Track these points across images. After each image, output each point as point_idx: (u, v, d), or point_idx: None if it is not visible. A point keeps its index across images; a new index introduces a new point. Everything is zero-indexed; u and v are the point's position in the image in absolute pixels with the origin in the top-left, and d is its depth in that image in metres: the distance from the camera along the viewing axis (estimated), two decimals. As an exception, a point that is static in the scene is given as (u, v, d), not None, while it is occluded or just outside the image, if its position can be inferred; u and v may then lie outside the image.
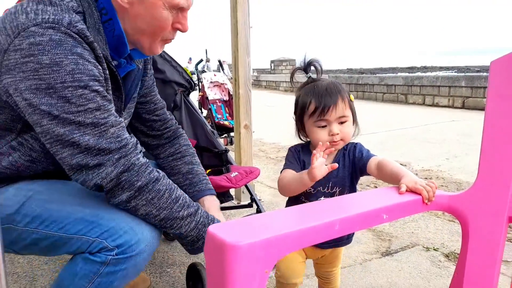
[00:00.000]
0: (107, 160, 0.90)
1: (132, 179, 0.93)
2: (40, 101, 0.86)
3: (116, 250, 0.93)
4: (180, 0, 0.98)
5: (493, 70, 0.91)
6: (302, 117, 1.08)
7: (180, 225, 0.98)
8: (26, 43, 0.84)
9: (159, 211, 0.95)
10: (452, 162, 3.75)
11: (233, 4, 2.43)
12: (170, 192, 0.98)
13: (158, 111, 1.27)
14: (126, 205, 0.94)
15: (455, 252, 1.90)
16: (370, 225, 0.88)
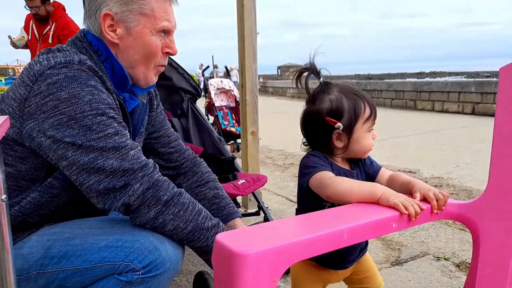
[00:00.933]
0: (132, 179, 0.93)
1: (158, 194, 0.94)
2: (63, 134, 0.90)
3: (142, 270, 0.94)
4: (163, 23, 1.02)
5: (503, 77, 0.89)
6: (352, 123, 0.97)
7: (206, 236, 0.98)
8: (44, 85, 0.91)
9: (186, 224, 0.96)
10: (463, 169, 3.70)
11: (240, 10, 2.45)
12: (193, 204, 0.99)
13: (173, 142, 1.30)
14: (154, 222, 0.95)
15: (466, 261, 1.86)
16: (379, 234, 0.87)
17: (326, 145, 1.01)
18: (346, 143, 0.99)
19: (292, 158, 4.40)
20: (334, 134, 0.98)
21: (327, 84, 1.01)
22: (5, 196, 0.84)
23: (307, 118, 1.02)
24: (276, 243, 0.67)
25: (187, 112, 1.93)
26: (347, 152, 1.01)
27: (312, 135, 1.03)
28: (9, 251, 0.84)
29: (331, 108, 0.97)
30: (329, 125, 0.97)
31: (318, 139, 1.02)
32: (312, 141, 1.05)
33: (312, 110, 1.00)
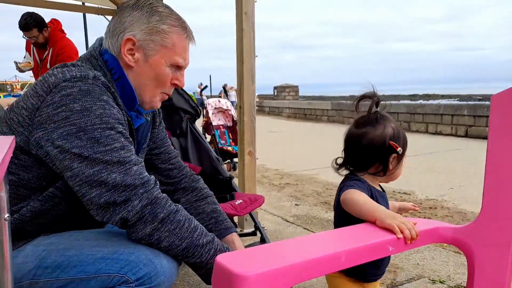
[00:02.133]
0: (133, 194, 0.94)
1: (155, 211, 0.96)
2: (71, 144, 0.92)
3: (136, 282, 0.94)
4: (179, 60, 1.09)
5: (494, 105, 0.93)
6: (404, 151, 1.10)
7: (201, 253, 1.00)
8: (58, 96, 0.94)
9: (181, 241, 0.98)
10: (457, 192, 3.73)
11: (239, 34, 2.51)
12: (189, 221, 1.01)
13: (173, 159, 1.33)
14: (150, 239, 0.96)
15: (461, 285, 1.86)
16: (376, 257, 0.88)
17: (377, 166, 1.10)
18: (394, 166, 1.10)
19: (288, 178, 4.41)
20: (391, 157, 1.08)
21: (383, 114, 1.12)
22: (8, 215, 0.84)
23: (368, 140, 1.08)
24: (276, 265, 0.68)
25: (186, 132, 1.96)
26: (389, 176, 1.12)
27: (368, 157, 1.09)
28: (8, 269, 0.84)
29: (393, 134, 1.08)
30: (390, 149, 1.08)
31: (369, 160, 1.10)
32: (357, 161, 1.11)
33: (376, 134, 1.08)
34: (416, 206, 1.27)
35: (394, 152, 1.08)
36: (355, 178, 1.10)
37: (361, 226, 0.91)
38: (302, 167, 4.92)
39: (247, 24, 2.47)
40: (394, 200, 3.64)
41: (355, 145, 1.10)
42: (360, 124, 1.11)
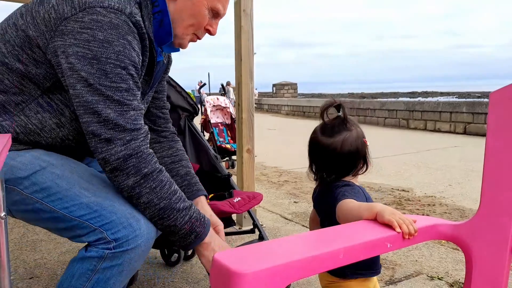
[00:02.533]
0: (119, 138, 0.96)
1: (139, 165, 0.98)
2: (82, 67, 0.94)
3: (114, 243, 0.97)
4: (219, 7, 1.13)
5: (493, 102, 0.93)
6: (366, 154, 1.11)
7: (176, 217, 1.01)
8: (88, 18, 0.94)
9: (160, 201, 1.00)
10: (455, 189, 3.74)
11: (237, 31, 2.50)
12: (170, 184, 1.03)
13: (164, 109, 1.37)
14: (131, 191, 0.99)
15: (459, 281, 1.87)
16: (374, 254, 0.88)
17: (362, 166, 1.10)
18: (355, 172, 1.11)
19: (287, 175, 4.41)
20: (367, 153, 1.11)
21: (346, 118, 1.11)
22: (4, 214, 0.84)
23: (349, 144, 1.07)
24: (274, 263, 0.68)
25: (184, 130, 1.95)
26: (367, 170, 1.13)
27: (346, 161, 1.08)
28: (5, 269, 0.84)
29: (361, 132, 1.11)
30: (364, 146, 1.10)
31: (354, 162, 1.09)
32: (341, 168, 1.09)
33: (353, 136, 1.08)
34: None
35: (366, 146, 1.10)
36: (343, 184, 1.08)
37: (359, 223, 0.91)
38: (300, 165, 4.93)
39: (246, 22, 2.46)
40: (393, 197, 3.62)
41: (338, 153, 1.07)
42: (334, 132, 1.08)
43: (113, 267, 0.98)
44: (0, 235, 0.84)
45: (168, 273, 1.98)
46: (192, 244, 1.05)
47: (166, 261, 2.06)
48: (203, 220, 1.06)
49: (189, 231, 1.03)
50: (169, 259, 2.06)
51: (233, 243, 2.31)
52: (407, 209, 3.09)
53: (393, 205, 3.16)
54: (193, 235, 1.04)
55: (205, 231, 1.06)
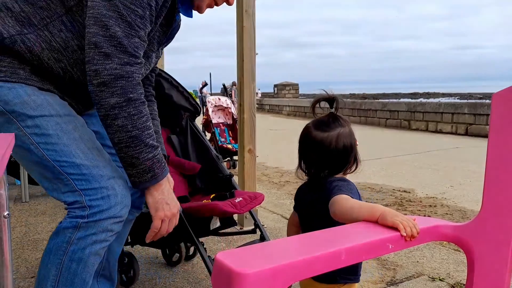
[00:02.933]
0: (117, 57, 0.98)
1: (127, 88, 0.99)
2: None
3: (88, 211, 1.01)
4: None
5: (495, 103, 0.93)
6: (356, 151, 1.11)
7: (141, 150, 1.02)
8: None
9: (133, 129, 1.01)
10: (457, 190, 3.73)
11: (239, 31, 2.50)
12: (147, 118, 1.05)
13: (153, 73, 1.40)
14: (109, 110, 0.99)
15: (461, 282, 1.87)
16: (376, 255, 0.88)
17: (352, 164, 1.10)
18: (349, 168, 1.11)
19: (288, 176, 4.41)
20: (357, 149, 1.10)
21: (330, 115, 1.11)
22: (7, 213, 0.85)
23: (342, 141, 1.06)
24: (276, 263, 0.68)
25: (185, 130, 1.95)
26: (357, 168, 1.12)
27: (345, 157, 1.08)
28: (8, 268, 0.85)
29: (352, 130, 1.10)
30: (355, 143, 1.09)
31: (347, 159, 1.08)
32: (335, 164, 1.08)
33: (346, 132, 1.08)
34: None
35: (356, 145, 1.10)
36: (338, 179, 1.07)
37: (360, 224, 0.91)
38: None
39: (248, 22, 2.46)
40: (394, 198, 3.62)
41: (329, 148, 1.06)
42: (328, 127, 1.07)
43: (87, 237, 1.02)
44: (3, 234, 0.85)
45: (169, 272, 1.98)
46: (146, 183, 1.05)
47: (167, 261, 2.07)
48: (163, 165, 1.08)
49: (148, 169, 1.04)
50: (170, 259, 2.06)
51: (235, 243, 2.31)
52: (408, 210, 3.08)
53: (394, 206, 3.16)
54: (150, 174, 1.04)
55: (162, 175, 1.07)
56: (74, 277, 1.04)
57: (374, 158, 5.28)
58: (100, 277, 1.28)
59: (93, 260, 1.06)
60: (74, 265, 1.03)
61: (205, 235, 1.68)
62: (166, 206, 1.09)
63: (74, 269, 1.03)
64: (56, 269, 1.03)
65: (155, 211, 1.08)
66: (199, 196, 1.87)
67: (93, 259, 1.05)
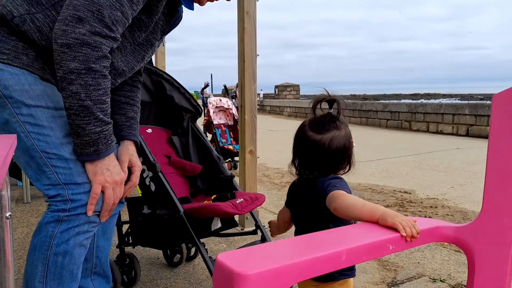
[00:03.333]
0: (90, 24, 0.95)
1: (91, 58, 0.96)
2: None
3: (70, 204, 1.01)
4: None
5: (496, 104, 0.93)
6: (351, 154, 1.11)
7: (89, 122, 1.00)
8: None
9: (86, 98, 0.98)
10: (457, 191, 3.73)
11: (240, 32, 2.51)
12: (104, 92, 1.01)
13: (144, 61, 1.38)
14: (66, 74, 0.96)
15: (462, 283, 1.87)
16: (376, 256, 0.88)
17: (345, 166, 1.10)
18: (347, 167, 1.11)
19: (289, 177, 4.41)
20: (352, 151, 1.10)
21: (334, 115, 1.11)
22: (9, 214, 0.85)
23: (337, 142, 1.06)
24: (277, 264, 0.68)
25: (187, 131, 1.96)
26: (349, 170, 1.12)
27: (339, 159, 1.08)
28: (10, 269, 0.85)
29: (349, 132, 1.10)
30: (350, 146, 1.09)
31: (340, 161, 1.08)
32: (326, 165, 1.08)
33: (341, 134, 1.07)
34: None
35: (352, 147, 1.10)
36: (331, 177, 1.07)
37: (361, 225, 0.91)
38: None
39: (249, 23, 2.47)
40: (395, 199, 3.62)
41: (322, 150, 1.06)
42: (323, 129, 1.07)
43: (70, 229, 1.02)
44: (5, 235, 0.85)
45: (171, 273, 1.98)
46: (87, 156, 1.03)
47: (168, 262, 2.07)
48: (109, 143, 1.05)
49: (92, 143, 1.01)
50: (171, 260, 2.06)
51: (236, 244, 2.32)
52: (409, 211, 3.08)
53: (395, 207, 3.16)
54: (93, 148, 1.02)
55: (106, 152, 1.05)
56: (61, 270, 1.03)
57: (375, 159, 5.28)
58: (94, 275, 1.28)
59: (79, 251, 1.05)
60: (60, 258, 1.03)
61: (206, 236, 1.68)
62: (107, 171, 1.05)
63: (61, 262, 1.03)
64: (42, 265, 1.03)
65: (93, 175, 1.04)
66: (201, 197, 1.87)
67: (79, 250, 1.05)
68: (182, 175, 1.92)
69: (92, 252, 1.25)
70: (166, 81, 1.92)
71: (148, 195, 1.61)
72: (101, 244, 1.28)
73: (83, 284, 1.25)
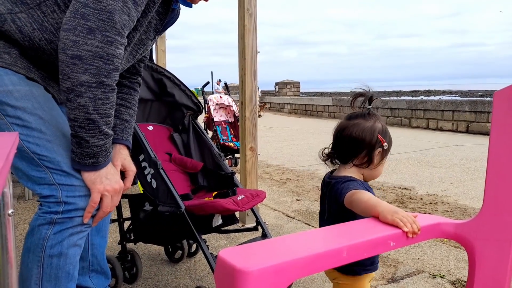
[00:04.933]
0: (102, 34, 0.92)
1: (102, 71, 0.94)
2: None
3: (63, 206, 0.99)
4: None
5: (497, 101, 0.93)
6: (388, 149, 1.13)
7: (94, 135, 0.99)
8: None
9: (93, 112, 0.96)
10: (457, 187, 3.74)
11: (241, 29, 2.51)
12: (112, 105, 1.01)
13: (141, 63, 1.36)
14: (76, 86, 0.93)
15: (462, 279, 1.88)
16: (377, 252, 0.88)
17: (363, 158, 1.11)
18: (377, 163, 1.13)
19: (289, 174, 4.42)
20: (377, 150, 1.11)
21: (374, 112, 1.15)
22: (12, 211, 0.85)
23: (359, 130, 1.11)
24: (279, 260, 0.69)
25: (188, 128, 1.96)
26: (371, 172, 1.14)
27: (355, 147, 1.11)
28: (13, 265, 0.85)
29: (382, 129, 1.12)
30: (376, 142, 1.11)
31: (360, 152, 1.11)
32: (348, 153, 1.13)
33: (366, 126, 1.11)
34: None
35: (380, 146, 1.11)
36: (348, 179, 1.10)
37: (362, 221, 0.92)
38: (303, 163, 4.93)
39: (250, 21, 2.47)
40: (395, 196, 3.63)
41: (345, 135, 1.12)
42: (352, 117, 1.14)
43: (63, 231, 1.00)
44: (8, 232, 0.85)
45: (172, 269, 1.99)
46: (85, 167, 1.02)
47: (170, 258, 2.08)
48: (108, 154, 1.05)
49: (92, 155, 1.00)
50: (172, 256, 2.07)
51: (236, 240, 2.33)
52: (409, 207, 3.09)
53: (395, 204, 3.16)
54: (92, 160, 1.01)
55: (104, 164, 1.04)
56: (57, 271, 1.03)
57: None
58: (92, 273, 1.28)
59: (74, 251, 1.04)
60: (55, 260, 1.02)
61: (207, 232, 1.69)
62: (106, 180, 1.04)
63: (56, 264, 1.02)
64: (37, 267, 1.02)
65: (91, 183, 1.02)
66: (202, 194, 1.88)
67: (73, 251, 1.04)
68: (183, 172, 1.92)
69: (88, 251, 1.25)
70: (167, 79, 1.92)
71: (150, 192, 1.62)
72: (96, 242, 1.28)
73: (81, 282, 1.25)
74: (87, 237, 1.22)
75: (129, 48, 1.15)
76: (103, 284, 1.31)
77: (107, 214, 1.08)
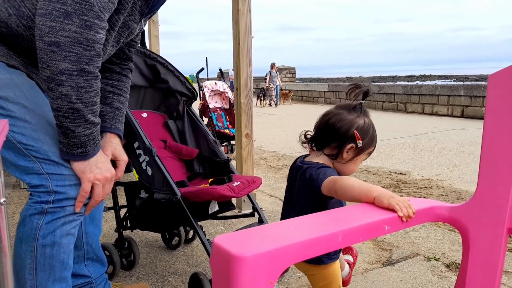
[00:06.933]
0: (79, 18, 0.88)
1: (83, 58, 0.90)
2: None
3: (54, 196, 0.98)
4: None
5: (491, 84, 0.92)
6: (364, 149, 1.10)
7: (79, 124, 0.95)
8: None
9: (77, 101, 0.93)
10: (452, 171, 3.76)
11: (235, 14, 2.47)
12: (96, 94, 0.97)
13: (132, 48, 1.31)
14: (55, 75, 0.89)
15: (456, 262, 1.90)
16: (373, 236, 0.89)
17: (332, 149, 1.11)
18: (348, 159, 1.11)
19: (285, 160, 4.42)
20: (347, 146, 1.09)
21: (365, 109, 1.14)
22: (4, 200, 0.84)
23: (336, 119, 1.10)
24: (274, 246, 0.69)
25: (182, 115, 1.94)
26: (341, 166, 1.12)
27: (328, 135, 1.11)
28: (7, 254, 0.85)
29: (362, 127, 1.10)
30: (351, 137, 1.08)
31: (331, 141, 1.11)
32: (322, 139, 1.13)
33: (346, 118, 1.10)
34: None
35: (354, 142, 1.08)
36: (322, 165, 1.09)
37: (357, 206, 0.92)
38: (299, 149, 4.93)
39: (244, 5, 2.43)
40: (390, 180, 3.66)
41: (324, 121, 1.12)
42: (340, 106, 1.13)
43: (55, 220, 0.99)
44: (0, 221, 0.85)
45: (169, 256, 2.00)
46: (73, 157, 0.99)
47: (167, 245, 2.09)
48: (97, 143, 1.02)
49: (80, 145, 0.98)
50: (170, 243, 2.08)
51: (233, 226, 2.34)
52: (404, 191, 3.11)
53: (390, 188, 3.19)
54: (81, 150, 0.98)
55: (93, 152, 1.01)
56: (51, 260, 1.02)
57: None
58: (87, 261, 1.28)
59: (67, 240, 1.03)
60: (48, 249, 1.01)
61: (204, 219, 1.69)
62: (96, 169, 1.01)
63: (49, 253, 1.01)
64: (30, 257, 1.01)
65: (81, 172, 1.00)
66: (198, 181, 1.88)
67: (67, 239, 1.03)
68: (179, 159, 1.91)
69: (82, 239, 1.24)
70: (160, 65, 1.89)
71: (145, 179, 1.61)
72: (90, 230, 1.27)
73: (77, 271, 1.25)
74: (81, 226, 1.21)
75: (113, 33, 1.10)
76: (100, 271, 1.32)
77: (99, 203, 1.07)
